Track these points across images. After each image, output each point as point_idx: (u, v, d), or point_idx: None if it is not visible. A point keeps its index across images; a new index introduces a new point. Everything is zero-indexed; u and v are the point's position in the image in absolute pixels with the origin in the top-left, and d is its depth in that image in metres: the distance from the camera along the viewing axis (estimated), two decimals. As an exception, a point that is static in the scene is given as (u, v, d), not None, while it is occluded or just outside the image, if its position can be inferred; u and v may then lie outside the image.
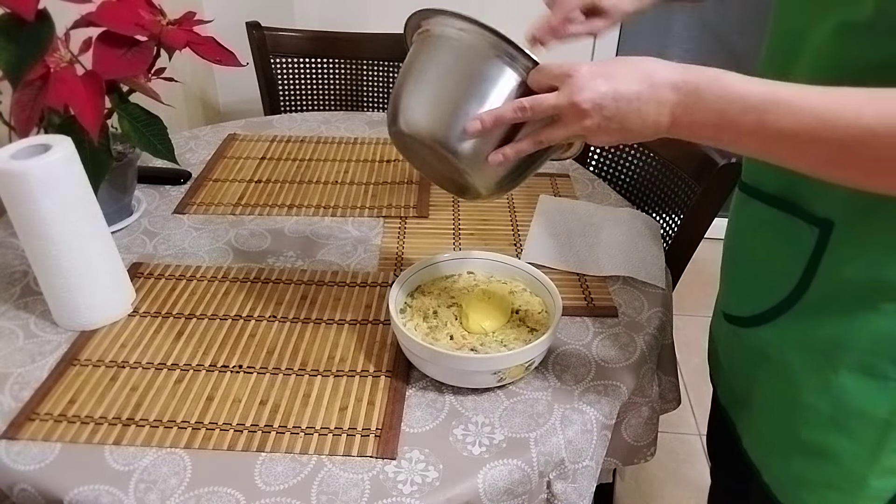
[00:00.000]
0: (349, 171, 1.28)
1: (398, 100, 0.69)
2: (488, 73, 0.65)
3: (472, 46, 0.66)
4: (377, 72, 1.80)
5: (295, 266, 1.01)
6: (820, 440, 0.68)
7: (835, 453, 0.67)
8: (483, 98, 0.65)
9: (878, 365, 0.64)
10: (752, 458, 0.78)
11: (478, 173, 0.68)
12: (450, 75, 0.67)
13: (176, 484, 0.68)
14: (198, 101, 2.09)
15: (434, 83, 0.68)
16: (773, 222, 0.70)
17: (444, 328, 0.82)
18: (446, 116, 0.66)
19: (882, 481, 0.66)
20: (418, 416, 0.77)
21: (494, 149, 0.66)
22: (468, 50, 0.66)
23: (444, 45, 0.68)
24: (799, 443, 0.70)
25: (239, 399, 0.78)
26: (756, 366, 0.75)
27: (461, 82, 0.66)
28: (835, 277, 0.65)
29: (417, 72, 0.69)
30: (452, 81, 0.67)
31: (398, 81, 0.71)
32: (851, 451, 0.67)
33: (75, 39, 0.96)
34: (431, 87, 0.68)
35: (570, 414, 0.77)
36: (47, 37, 0.87)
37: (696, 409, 1.82)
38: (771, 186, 0.72)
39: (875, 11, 0.55)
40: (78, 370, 0.82)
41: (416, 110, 0.68)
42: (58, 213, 0.81)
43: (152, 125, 1.01)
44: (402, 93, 0.69)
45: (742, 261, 0.78)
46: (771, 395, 0.74)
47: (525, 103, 0.61)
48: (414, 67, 0.70)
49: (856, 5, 0.57)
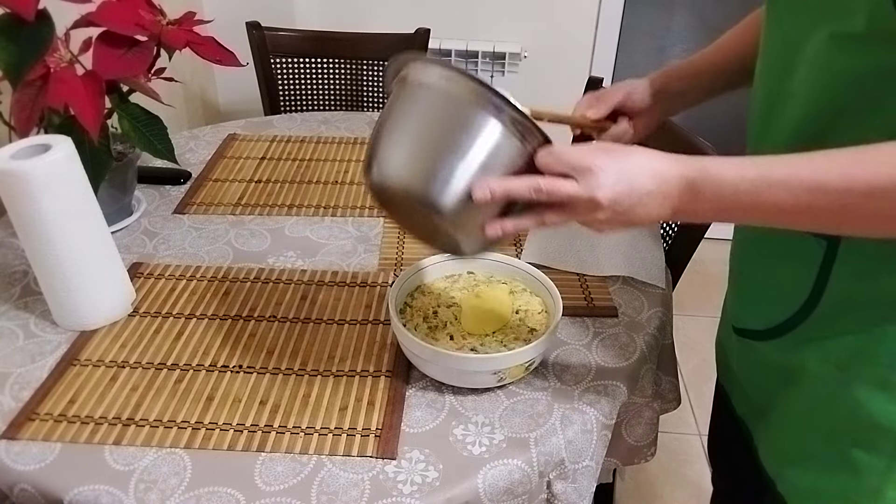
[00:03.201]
0: (349, 171, 1.28)
1: (381, 150, 0.64)
2: (496, 139, 0.61)
3: (477, 107, 0.61)
4: (377, 72, 1.80)
5: (295, 266, 1.01)
6: (837, 452, 0.68)
7: (852, 465, 0.67)
8: (485, 163, 0.60)
9: (893, 378, 0.64)
10: (767, 468, 0.78)
11: (465, 236, 0.65)
12: (449, 131, 0.61)
13: (176, 484, 0.68)
14: (198, 101, 2.09)
15: (427, 137, 0.63)
16: (779, 237, 0.70)
17: (444, 328, 0.82)
18: (440, 174, 0.60)
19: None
20: (418, 416, 0.77)
21: (485, 213, 0.63)
22: (471, 107, 0.61)
23: (443, 99, 0.62)
24: (816, 454, 0.70)
25: (239, 399, 0.78)
26: (773, 378, 0.75)
27: (462, 142, 0.61)
28: (846, 290, 0.65)
29: (407, 121, 0.64)
30: (452, 138, 0.61)
31: (379, 129, 0.65)
32: (868, 463, 0.66)
33: (75, 39, 0.96)
34: (422, 139, 0.63)
35: (570, 414, 0.77)
36: (47, 37, 0.87)
37: (696, 409, 1.82)
38: None
39: (867, 22, 0.55)
40: (78, 370, 0.82)
41: (403, 163, 0.63)
42: (58, 213, 0.81)
43: (152, 125, 1.02)
44: (388, 143, 0.63)
45: (750, 275, 0.78)
46: (789, 406, 0.73)
47: (542, 186, 0.60)
48: (403, 116, 0.64)
49: (847, 18, 0.57)
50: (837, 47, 0.59)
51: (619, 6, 2.13)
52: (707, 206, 0.59)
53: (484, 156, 0.61)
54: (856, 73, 0.58)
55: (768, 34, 0.70)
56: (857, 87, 0.59)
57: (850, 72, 0.59)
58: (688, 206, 0.59)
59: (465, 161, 0.60)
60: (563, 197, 0.59)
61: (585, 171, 0.59)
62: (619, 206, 0.59)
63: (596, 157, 0.59)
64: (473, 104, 0.61)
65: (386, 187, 0.64)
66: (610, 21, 2.15)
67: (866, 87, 0.58)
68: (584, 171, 0.59)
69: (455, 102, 0.61)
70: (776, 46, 0.69)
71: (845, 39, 0.58)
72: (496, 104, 0.60)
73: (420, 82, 0.64)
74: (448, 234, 0.65)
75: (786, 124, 0.67)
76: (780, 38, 0.68)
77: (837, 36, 0.58)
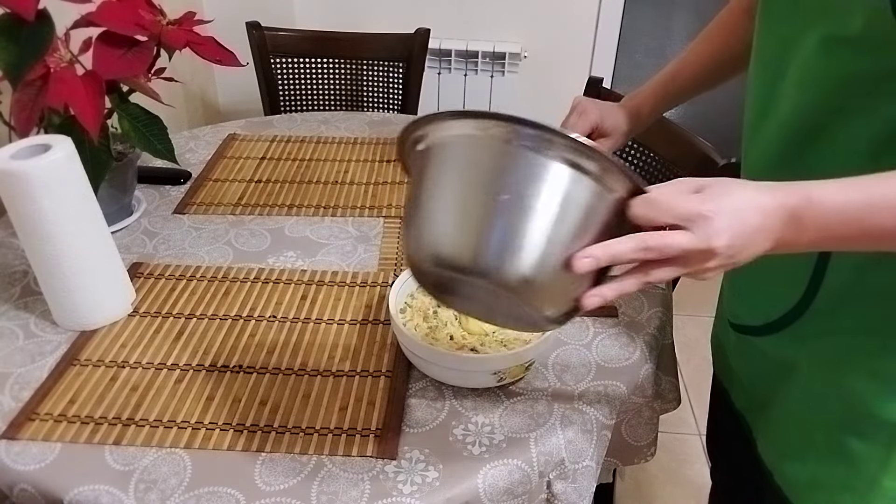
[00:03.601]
0: (349, 171, 1.28)
1: (430, 231, 0.53)
2: (569, 189, 0.50)
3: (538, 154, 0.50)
4: (377, 72, 1.80)
5: (295, 266, 1.01)
6: (835, 443, 0.69)
7: (850, 455, 0.68)
8: (574, 228, 0.51)
9: (889, 370, 0.64)
10: (766, 460, 0.78)
11: (553, 311, 0.55)
12: (510, 191, 0.50)
13: (176, 484, 0.68)
14: (198, 101, 2.09)
15: (483, 203, 0.50)
16: None
17: (444, 328, 0.82)
18: (515, 245, 0.50)
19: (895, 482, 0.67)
20: (418, 416, 0.77)
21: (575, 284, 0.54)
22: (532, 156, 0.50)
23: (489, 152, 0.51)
24: (814, 445, 0.71)
25: (239, 399, 0.78)
26: (772, 372, 0.75)
27: (531, 201, 0.50)
28: (843, 285, 0.65)
29: (450, 190, 0.52)
30: (517, 199, 0.50)
31: (417, 208, 0.54)
32: (866, 453, 0.67)
33: (75, 39, 0.96)
34: (479, 207, 0.51)
35: (570, 414, 0.77)
36: (47, 37, 0.87)
37: (696, 409, 1.83)
38: None
39: (864, 25, 0.55)
40: (78, 370, 0.82)
41: (463, 240, 0.51)
42: (58, 213, 0.81)
43: (152, 125, 1.01)
44: (435, 220, 0.52)
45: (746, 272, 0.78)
46: (788, 400, 0.74)
47: (651, 244, 0.51)
48: (445, 185, 0.53)
49: (844, 18, 0.57)
50: (829, 50, 0.59)
51: (619, 6, 2.13)
52: (811, 235, 0.54)
53: (561, 212, 0.50)
54: (847, 75, 0.59)
55: (761, 36, 0.70)
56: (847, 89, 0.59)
57: (841, 75, 0.59)
58: (790, 238, 0.54)
59: (541, 223, 0.50)
60: (677, 252, 0.52)
61: (698, 218, 0.51)
62: (732, 250, 0.52)
63: (703, 201, 0.52)
64: (531, 150, 0.50)
65: (445, 274, 0.53)
66: (610, 21, 2.15)
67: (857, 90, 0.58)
68: (696, 218, 0.51)
69: (508, 155, 0.50)
70: (769, 48, 0.69)
71: (838, 42, 0.58)
72: (601, 169, 0.50)
73: (455, 140, 0.53)
74: (529, 312, 0.55)
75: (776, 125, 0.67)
76: (773, 40, 0.68)
77: (830, 39, 0.59)
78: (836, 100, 0.60)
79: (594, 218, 0.52)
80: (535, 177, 0.50)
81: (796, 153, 0.66)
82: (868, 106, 0.58)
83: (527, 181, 0.50)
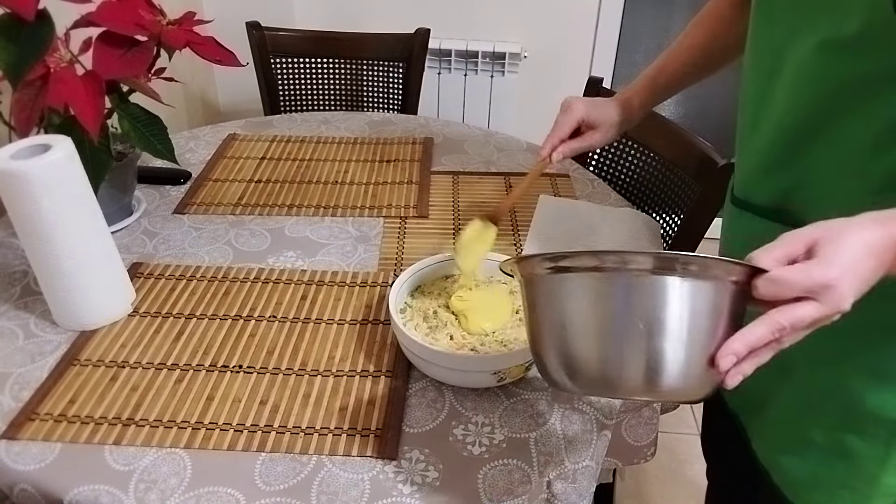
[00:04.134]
0: (349, 171, 1.28)
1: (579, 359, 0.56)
2: (712, 304, 0.53)
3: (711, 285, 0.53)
4: (377, 72, 1.80)
5: (295, 266, 1.01)
6: (834, 441, 0.69)
7: (849, 453, 0.68)
8: (706, 331, 0.53)
9: (887, 368, 0.64)
10: (762, 460, 0.78)
11: (700, 394, 0.57)
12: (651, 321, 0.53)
13: (176, 484, 0.68)
14: (198, 101, 2.09)
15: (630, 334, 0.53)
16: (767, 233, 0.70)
17: (444, 328, 0.82)
18: (670, 366, 0.53)
19: (893, 479, 0.67)
20: (418, 416, 0.77)
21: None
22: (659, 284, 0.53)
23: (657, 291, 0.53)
24: (813, 444, 0.71)
25: (239, 399, 0.78)
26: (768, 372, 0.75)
27: (669, 322, 0.53)
28: None
29: (594, 324, 0.55)
30: (661, 326, 0.53)
31: (554, 333, 0.57)
32: (865, 451, 0.67)
33: (75, 39, 0.96)
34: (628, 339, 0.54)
35: (570, 414, 0.77)
36: (47, 37, 0.87)
37: (696, 409, 1.82)
38: (763, 199, 0.72)
39: (861, 25, 0.55)
40: (78, 370, 0.82)
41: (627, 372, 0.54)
42: (58, 213, 0.81)
43: (152, 125, 1.01)
44: (583, 350, 0.56)
45: None
46: (785, 399, 0.74)
47: (784, 324, 0.52)
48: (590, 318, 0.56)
49: (841, 19, 0.57)
50: (826, 53, 0.59)
51: (619, 6, 2.13)
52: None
53: (691, 322, 0.53)
54: (844, 77, 0.59)
55: (755, 37, 0.70)
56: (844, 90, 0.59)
57: (837, 76, 0.59)
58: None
59: (677, 339, 0.53)
60: (809, 323, 0.53)
61: (824, 289, 0.51)
62: (856, 298, 0.53)
63: (825, 269, 0.51)
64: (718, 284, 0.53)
65: (593, 392, 0.60)
66: (610, 21, 2.15)
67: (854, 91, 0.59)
68: (821, 290, 0.51)
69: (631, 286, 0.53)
70: (762, 50, 0.69)
71: (835, 45, 0.58)
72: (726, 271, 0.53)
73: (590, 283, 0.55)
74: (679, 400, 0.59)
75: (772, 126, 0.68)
76: (767, 41, 0.68)
77: (827, 41, 0.59)
78: (833, 101, 0.60)
79: (722, 313, 0.54)
80: (660, 298, 0.53)
81: (793, 154, 0.66)
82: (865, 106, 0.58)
83: (654, 305, 0.53)
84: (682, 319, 0.53)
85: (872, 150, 0.59)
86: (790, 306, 0.53)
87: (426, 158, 1.32)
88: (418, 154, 1.34)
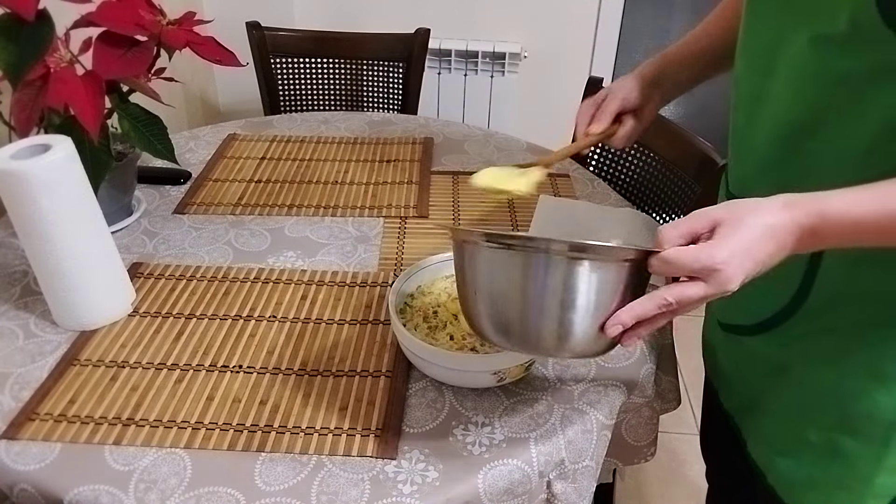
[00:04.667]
0: (349, 171, 1.28)
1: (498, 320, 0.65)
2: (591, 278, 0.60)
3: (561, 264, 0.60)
4: (377, 72, 1.80)
5: (295, 266, 1.01)
6: (829, 442, 0.69)
7: (843, 454, 0.68)
8: (599, 303, 0.61)
9: (882, 368, 0.64)
10: (757, 461, 0.78)
11: (595, 352, 0.65)
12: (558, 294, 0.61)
13: (176, 484, 0.68)
14: (198, 101, 2.09)
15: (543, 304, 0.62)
16: None
17: (444, 328, 0.82)
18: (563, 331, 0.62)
19: (887, 479, 0.67)
20: (418, 416, 0.77)
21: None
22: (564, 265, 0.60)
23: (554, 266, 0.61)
24: (808, 445, 0.71)
25: (239, 399, 0.78)
26: (763, 372, 0.75)
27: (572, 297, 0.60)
28: (835, 284, 0.65)
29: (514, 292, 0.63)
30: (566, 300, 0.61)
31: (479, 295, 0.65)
32: (860, 452, 0.67)
33: (75, 39, 0.96)
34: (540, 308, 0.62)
35: (570, 414, 0.77)
36: (47, 37, 0.87)
37: (696, 409, 1.82)
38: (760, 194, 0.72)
39: (848, 25, 0.55)
40: (78, 370, 0.82)
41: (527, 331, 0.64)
42: (58, 213, 0.81)
43: (152, 125, 1.01)
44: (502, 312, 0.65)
45: None
46: (779, 399, 0.74)
47: (671, 300, 0.57)
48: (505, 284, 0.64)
49: (828, 19, 0.57)
50: (818, 49, 0.59)
51: (619, 6, 2.13)
52: (826, 244, 0.58)
53: (593, 297, 0.60)
54: (836, 74, 0.59)
55: (747, 36, 0.70)
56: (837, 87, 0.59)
57: (830, 73, 0.59)
58: (806, 249, 0.58)
59: (582, 313, 0.60)
60: (696, 302, 0.57)
61: (710, 272, 0.55)
62: (746, 279, 0.57)
63: (714, 251, 0.55)
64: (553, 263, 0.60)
65: (507, 346, 0.66)
66: (610, 21, 2.15)
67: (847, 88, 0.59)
68: (708, 272, 0.55)
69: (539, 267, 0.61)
70: (756, 48, 0.69)
71: (825, 41, 0.58)
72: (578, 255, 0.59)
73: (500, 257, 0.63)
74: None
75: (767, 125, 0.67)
76: (760, 40, 0.68)
77: (818, 37, 0.59)
78: (829, 98, 0.60)
79: (618, 288, 0.61)
80: (569, 276, 0.60)
81: (790, 152, 0.66)
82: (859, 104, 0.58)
83: (563, 282, 0.60)
84: (586, 294, 0.60)
85: (868, 148, 0.59)
86: (678, 285, 0.58)
87: (426, 158, 1.33)
88: (418, 154, 1.34)
